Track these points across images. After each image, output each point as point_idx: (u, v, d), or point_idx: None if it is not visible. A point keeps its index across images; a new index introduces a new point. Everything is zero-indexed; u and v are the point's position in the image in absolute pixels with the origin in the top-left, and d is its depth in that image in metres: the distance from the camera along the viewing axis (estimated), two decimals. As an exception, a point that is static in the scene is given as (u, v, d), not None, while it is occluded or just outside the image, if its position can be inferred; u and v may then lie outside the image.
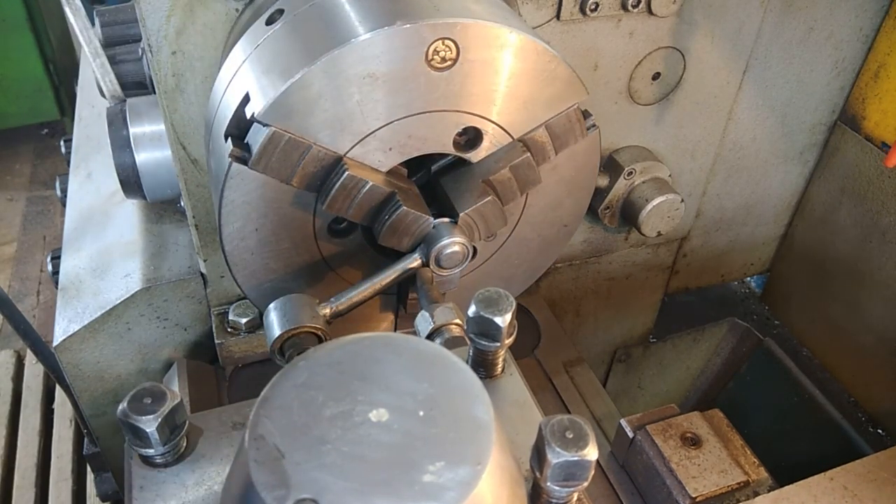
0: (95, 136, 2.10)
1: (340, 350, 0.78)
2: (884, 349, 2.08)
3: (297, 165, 1.08)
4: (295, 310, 1.09)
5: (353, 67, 1.03)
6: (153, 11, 1.21)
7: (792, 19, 1.78)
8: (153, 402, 0.87)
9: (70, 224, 1.85)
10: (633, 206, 1.82)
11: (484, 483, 0.67)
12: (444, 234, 1.15)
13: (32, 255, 4.71)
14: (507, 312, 0.95)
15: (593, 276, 2.11)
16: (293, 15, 1.11)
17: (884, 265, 2.03)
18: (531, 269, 1.45)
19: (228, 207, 1.11)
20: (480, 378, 0.85)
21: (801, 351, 2.36)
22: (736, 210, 2.18)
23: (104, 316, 1.55)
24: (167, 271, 1.59)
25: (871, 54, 1.93)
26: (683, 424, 1.50)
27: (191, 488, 0.91)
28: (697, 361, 2.45)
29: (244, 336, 1.58)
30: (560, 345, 1.89)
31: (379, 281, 1.17)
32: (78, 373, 1.61)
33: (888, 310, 2.05)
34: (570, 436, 0.76)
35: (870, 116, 1.98)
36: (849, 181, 2.08)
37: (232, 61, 1.15)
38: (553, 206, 1.34)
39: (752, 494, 1.40)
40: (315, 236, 1.21)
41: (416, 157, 1.16)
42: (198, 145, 1.38)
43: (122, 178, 1.57)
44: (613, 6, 1.52)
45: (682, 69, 1.72)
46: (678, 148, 1.88)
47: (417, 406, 0.73)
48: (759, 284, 2.56)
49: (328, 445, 0.69)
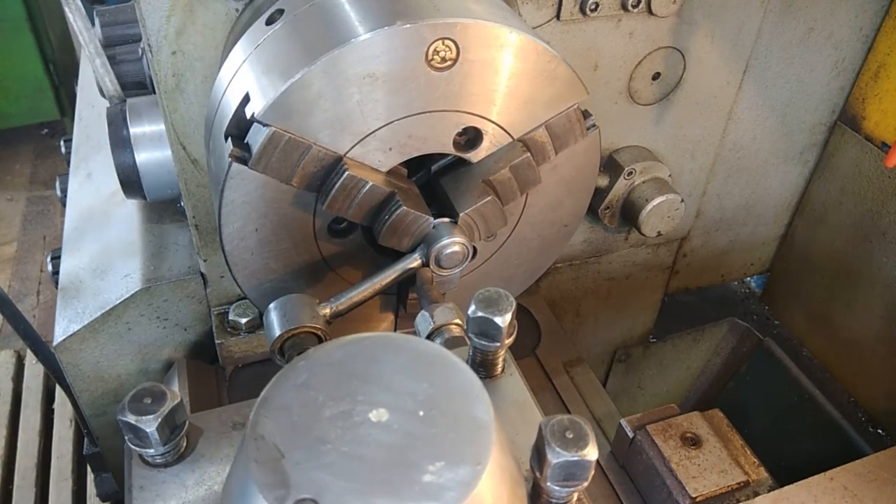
0: (95, 136, 2.10)
1: (340, 350, 0.78)
2: (884, 349, 2.08)
3: (297, 165, 1.08)
4: (295, 310, 1.09)
5: (353, 67, 1.03)
6: (153, 11, 1.21)
7: (792, 19, 1.78)
8: (153, 402, 0.87)
9: (70, 224, 1.85)
10: (633, 206, 1.82)
11: (484, 483, 0.67)
12: (444, 234, 1.15)
13: (32, 255, 4.71)
14: (507, 312, 0.95)
15: (593, 276, 2.11)
16: (293, 15, 1.11)
17: (884, 265, 2.03)
18: (531, 269, 1.45)
19: (228, 207, 1.11)
20: (480, 378, 0.85)
21: (801, 351, 2.36)
22: (736, 210, 2.18)
23: (104, 316, 1.55)
24: (167, 271, 1.60)
25: (871, 54, 1.93)
26: (683, 424, 1.50)
27: (191, 488, 0.91)
28: (697, 361, 2.45)
29: (244, 336, 1.58)
30: (560, 345, 1.89)
31: (379, 281, 1.17)
32: (78, 373, 1.61)
33: (888, 310, 2.05)
34: (570, 436, 0.76)
35: (870, 116, 1.98)
36: (849, 181, 2.08)
37: (232, 61, 1.15)
38: (553, 206, 1.34)
39: (752, 494, 1.40)
40: (315, 236, 1.21)
41: (416, 157, 1.16)
42: (198, 145, 1.38)
43: (122, 178, 1.57)
44: (613, 6, 1.52)
45: (682, 69, 1.72)
46: (678, 148, 1.88)
47: (417, 406, 0.73)
48: (759, 284, 2.56)
49: (328, 445, 0.69)
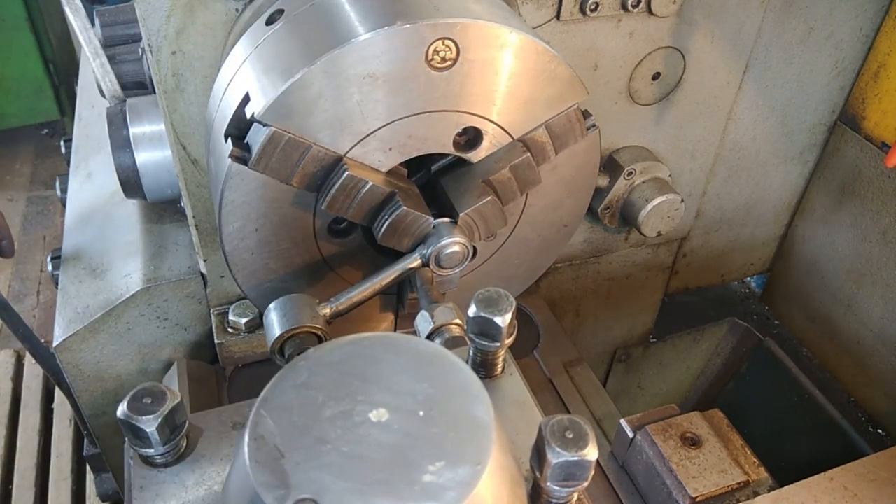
0: (95, 136, 2.10)
1: (340, 350, 0.78)
2: (884, 349, 2.08)
3: (297, 165, 1.08)
4: (295, 310, 1.09)
5: (353, 67, 1.03)
6: (153, 11, 1.21)
7: (792, 19, 1.78)
8: (153, 402, 0.87)
9: (70, 224, 1.85)
10: (633, 206, 1.82)
11: (484, 483, 0.67)
12: (444, 234, 1.15)
13: (32, 255, 4.71)
14: (507, 312, 0.95)
15: (593, 276, 2.11)
16: (293, 15, 1.11)
17: (884, 265, 2.03)
18: (531, 269, 1.45)
19: (228, 207, 1.11)
20: (480, 378, 0.85)
21: (801, 351, 2.36)
22: (736, 210, 2.18)
23: (104, 316, 1.55)
24: (167, 271, 1.59)
25: (871, 54, 1.93)
26: (683, 424, 1.50)
27: (191, 488, 0.91)
28: (697, 361, 2.45)
29: (244, 336, 1.58)
30: (560, 345, 1.89)
31: (379, 281, 1.17)
32: (78, 373, 1.61)
33: (888, 310, 2.05)
34: (570, 436, 0.76)
35: (870, 116, 1.98)
36: (849, 181, 2.08)
37: (232, 61, 1.15)
38: (553, 206, 1.34)
39: (752, 494, 1.40)
40: (315, 236, 1.21)
41: (416, 157, 1.16)
42: (198, 145, 1.38)
43: (122, 178, 1.57)
44: (613, 6, 1.52)
45: (682, 69, 1.72)
46: (678, 148, 1.88)
47: (417, 406, 0.73)
48: (759, 284, 2.56)
49: (328, 445, 0.69)
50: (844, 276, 2.16)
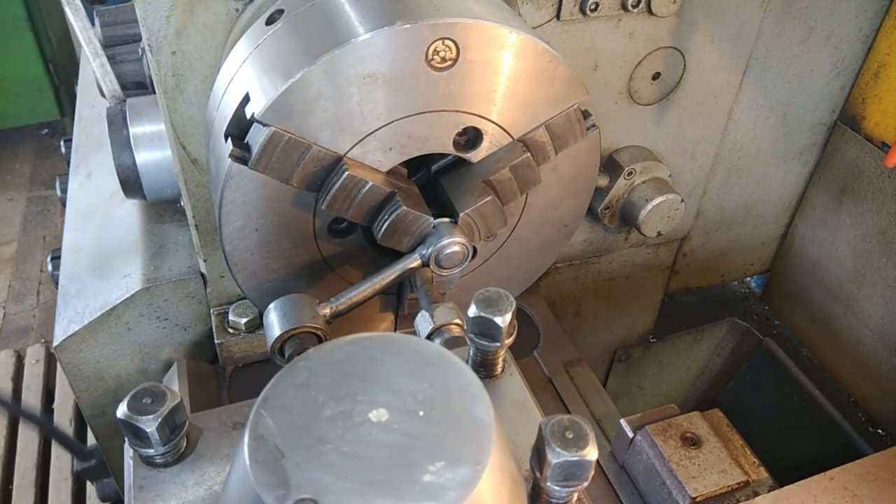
0: (95, 136, 2.10)
1: (340, 350, 0.78)
2: (883, 349, 2.08)
3: (297, 165, 1.08)
4: (295, 310, 1.09)
5: (353, 67, 1.03)
6: (153, 11, 1.21)
7: (792, 19, 1.78)
8: (153, 402, 0.87)
9: (70, 224, 1.85)
10: (633, 206, 1.82)
11: (484, 483, 0.67)
12: (444, 234, 1.15)
13: (32, 255, 4.71)
14: (507, 312, 0.95)
15: (593, 276, 2.11)
16: (293, 15, 1.11)
17: (884, 265, 2.03)
18: (531, 269, 1.45)
19: (228, 207, 1.11)
20: (480, 378, 0.85)
21: (801, 351, 2.36)
22: (736, 210, 2.18)
23: (104, 316, 1.55)
24: (167, 271, 1.60)
25: (871, 54, 1.93)
26: (683, 424, 1.50)
27: (191, 488, 0.91)
28: (697, 361, 2.45)
29: (244, 336, 1.58)
30: (560, 345, 1.89)
31: (379, 281, 1.17)
32: (78, 373, 1.61)
33: (888, 310, 2.05)
34: (570, 436, 0.76)
35: (870, 116, 1.98)
36: (849, 181, 2.08)
37: (232, 61, 1.15)
38: (553, 206, 1.34)
39: (752, 494, 1.40)
40: (315, 236, 1.21)
41: (416, 157, 1.16)
42: (198, 145, 1.38)
43: (122, 178, 1.57)
44: (613, 6, 1.52)
45: (682, 69, 1.72)
46: (678, 148, 1.88)
47: (417, 406, 0.73)
48: (759, 284, 2.56)
49: (328, 445, 0.69)
50: (844, 276, 2.16)
